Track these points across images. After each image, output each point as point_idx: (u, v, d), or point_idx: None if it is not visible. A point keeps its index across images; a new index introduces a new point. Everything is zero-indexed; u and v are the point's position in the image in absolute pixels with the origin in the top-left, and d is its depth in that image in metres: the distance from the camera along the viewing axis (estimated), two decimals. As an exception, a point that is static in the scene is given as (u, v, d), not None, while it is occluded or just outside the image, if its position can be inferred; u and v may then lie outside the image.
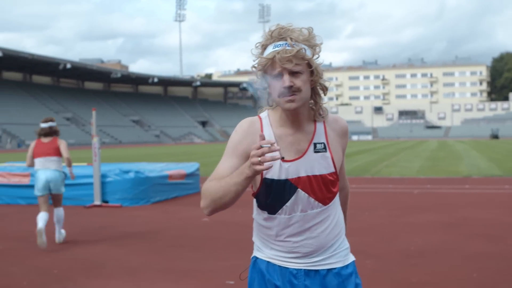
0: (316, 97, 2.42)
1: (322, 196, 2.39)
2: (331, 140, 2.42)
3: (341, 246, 2.50)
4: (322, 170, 2.37)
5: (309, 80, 2.34)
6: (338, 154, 2.44)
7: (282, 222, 2.41)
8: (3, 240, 8.98)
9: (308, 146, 2.38)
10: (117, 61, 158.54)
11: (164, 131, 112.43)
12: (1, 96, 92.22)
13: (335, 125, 2.46)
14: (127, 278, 6.48)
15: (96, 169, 12.93)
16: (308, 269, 2.44)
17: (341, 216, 2.53)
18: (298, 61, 2.28)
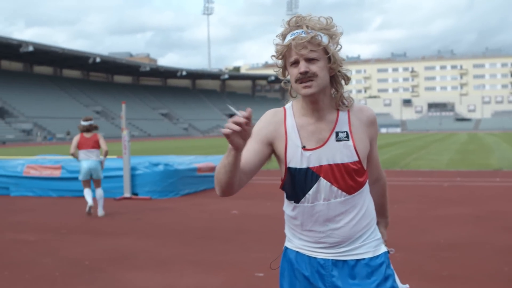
0: (337, 86, 2.43)
1: (346, 185, 2.39)
2: (355, 129, 2.41)
3: (371, 236, 2.48)
4: (344, 158, 2.37)
5: (327, 67, 2.36)
6: (363, 143, 2.42)
7: (306, 211, 2.44)
8: (35, 232, 9.11)
9: (330, 134, 2.40)
10: (145, 55, 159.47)
11: (192, 124, 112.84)
12: (32, 90, 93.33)
13: (360, 114, 2.45)
14: (157, 270, 6.54)
15: (126, 162, 13.04)
16: (336, 259, 2.45)
17: (370, 207, 2.51)
18: (314, 48, 2.31)
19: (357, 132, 2.42)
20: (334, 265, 2.45)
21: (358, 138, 2.41)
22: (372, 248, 2.47)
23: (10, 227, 9.70)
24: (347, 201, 2.41)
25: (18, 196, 14.14)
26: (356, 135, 2.41)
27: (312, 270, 2.48)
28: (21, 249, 7.80)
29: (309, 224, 2.45)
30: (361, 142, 2.42)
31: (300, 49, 2.30)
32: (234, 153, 2.18)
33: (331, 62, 2.35)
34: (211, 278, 6.14)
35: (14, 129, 79.14)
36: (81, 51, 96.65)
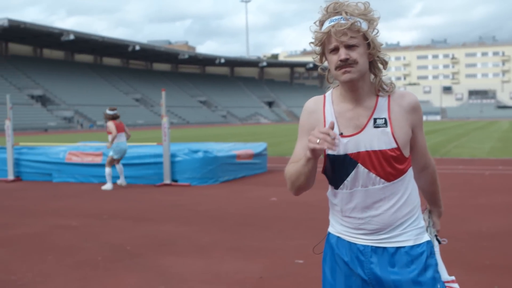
0: (376, 71, 2.41)
1: (384, 172, 2.36)
2: (394, 115, 2.38)
3: (413, 224, 2.45)
4: (382, 145, 2.35)
5: (366, 53, 2.34)
6: (403, 130, 2.38)
7: (344, 197, 2.44)
8: (78, 218, 9.26)
9: (368, 121, 2.37)
10: (184, 43, 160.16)
11: (230, 111, 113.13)
12: (73, 78, 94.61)
13: (401, 100, 2.41)
14: (197, 256, 6.59)
15: (166, 149, 13.15)
16: (375, 246, 2.43)
17: (413, 194, 2.47)
18: (353, 34, 2.29)
19: (397, 118, 2.38)
20: (373, 252, 2.43)
21: (397, 125, 2.37)
22: (413, 237, 2.44)
23: (53, 212, 9.88)
24: (386, 188, 2.38)
25: (60, 182, 14.38)
26: (395, 121, 2.37)
27: (351, 256, 2.47)
28: (64, 234, 7.93)
29: (348, 210, 2.45)
30: (401, 129, 2.38)
31: (340, 36, 2.28)
32: (313, 161, 2.30)
33: (370, 48, 2.33)
34: (250, 265, 6.16)
35: (55, 116, 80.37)
36: (120, 39, 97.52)
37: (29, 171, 15.02)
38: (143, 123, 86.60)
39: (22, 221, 9.07)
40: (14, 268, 6.16)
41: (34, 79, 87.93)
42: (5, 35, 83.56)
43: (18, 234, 7.99)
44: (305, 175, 2.34)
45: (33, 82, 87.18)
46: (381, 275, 2.41)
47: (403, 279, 2.39)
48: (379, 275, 2.41)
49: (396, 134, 2.36)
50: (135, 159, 13.92)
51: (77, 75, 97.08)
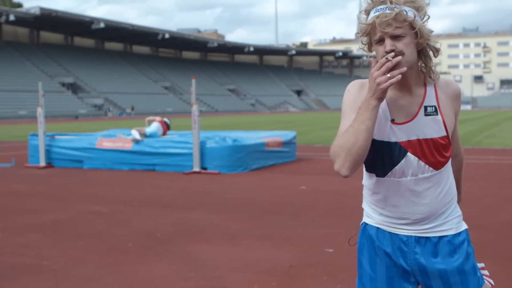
0: (426, 60, 2.35)
1: (433, 160, 2.33)
2: (442, 103, 2.35)
3: (453, 213, 2.43)
4: (433, 133, 2.31)
5: (414, 42, 2.26)
6: (450, 118, 2.37)
7: (391, 186, 2.37)
8: (108, 204, 9.33)
9: (419, 109, 2.33)
10: (213, 31, 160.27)
11: (259, 100, 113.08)
12: (103, 66, 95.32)
13: (447, 88, 2.39)
14: (226, 244, 6.60)
15: (195, 137, 13.18)
16: (418, 236, 2.39)
17: (453, 183, 2.46)
18: (399, 24, 2.21)
19: (444, 106, 2.36)
20: (416, 242, 2.40)
21: (445, 113, 2.35)
22: (455, 225, 2.42)
23: (84, 199, 9.97)
24: (433, 176, 2.35)
25: (91, 169, 14.51)
26: (443, 109, 2.35)
27: (393, 247, 2.43)
28: (95, 220, 8.00)
29: (394, 199, 2.38)
30: (448, 116, 2.36)
31: (385, 27, 2.21)
32: (376, 110, 2.21)
33: (418, 37, 2.26)
34: (280, 253, 6.15)
35: (86, 104, 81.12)
36: (150, 27, 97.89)
37: (60, 158, 15.18)
38: (172, 111, 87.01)
39: (54, 207, 9.17)
40: (46, 253, 6.23)
41: (65, 67, 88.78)
42: (37, 23, 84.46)
43: (50, 219, 8.08)
44: (365, 132, 2.18)
45: (64, 70, 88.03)
46: (426, 265, 2.38)
47: (448, 268, 2.36)
48: (424, 265, 2.38)
49: (446, 121, 2.34)
50: (165, 147, 13.98)
51: (107, 63, 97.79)
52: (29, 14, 77.22)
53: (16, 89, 74.97)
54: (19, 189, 11.22)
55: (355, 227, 2.65)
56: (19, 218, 8.23)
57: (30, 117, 64.43)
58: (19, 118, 66.87)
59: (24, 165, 15.35)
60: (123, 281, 5.22)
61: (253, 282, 5.16)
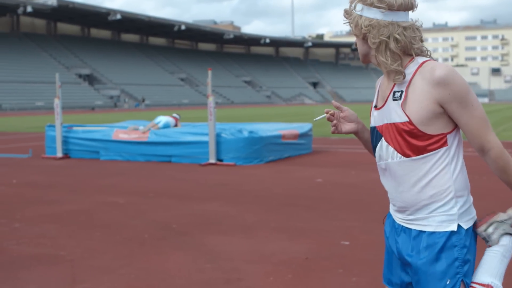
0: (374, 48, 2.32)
1: (399, 146, 2.29)
2: (413, 88, 2.25)
3: (440, 210, 2.29)
4: (396, 118, 2.27)
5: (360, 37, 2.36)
6: (421, 105, 2.23)
7: (379, 171, 2.46)
8: (124, 195, 9.37)
9: (389, 94, 2.34)
10: (229, 22, 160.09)
11: (275, 92, 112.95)
12: (119, 58, 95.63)
13: (428, 73, 2.23)
14: (242, 235, 6.60)
15: (211, 128, 13.18)
16: (404, 226, 2.38)
17: (444, 177, 2.29)
18: (350, 22, 2.37)
19: (415, 91, 2.25)
20: (403, 231, 2.39)
21: (413, 98, 2.25)
22: (436, 223, 2.29)
23: (101, 190, 10.02)
24: (404, 163, 2.30)
25: (107, 160, 14.58)
26: (412, 94, 2.25)
27: (391, 230, 2.47)
28: (111, 211, 8.04)
29: (384, 183, 2.44)
30: (417, 103, 2.24)
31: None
32: (357, 136, 2.61)
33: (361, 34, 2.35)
34: (296, 245, 6.14)
35: (102, 95, 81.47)
36: (166, 19, 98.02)
37: (77, 149, 15.26)
38: (188, 102, 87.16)
39: (71, 197, 9.22)
40: (63, 244, 6.26)
41: (82, 58, 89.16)
42: (54, 15, 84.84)
43: (67, 210, 8.13)
44: (365, 147, 2.67)
45: (81, 61, 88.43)
46: (404, 255, 2.36)
47: (413, 265, 2.32)
48: (403, 256, 2.36)
49: (408, 107, 2.25)
50: (181, 137, 14.01)
51: (124, 54, 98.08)
52: (46, 5, 77.57)
53: (33, 80, 75.45)
54: (36, 179, 11.30)
55: (371, 219, 2.65)
56: (36, 208, 8.28)
57: (47, 108, 64.90)
58: (37, 109, 67.35)
59: (42, 156, 15.45)
60: (138, 272, 5.24)
61: (268, 274, 5.16)
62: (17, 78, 74.39)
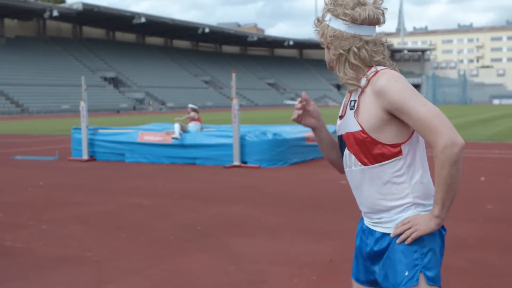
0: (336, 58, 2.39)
1: (357, 154, 2.35)
2: (363, 97, 2.31)
3: (399, 215, 2.31)
4: (352, 127, 2.33)
5: (327, 49, 2.44)
6: (370, 113, 2.26)
7: (346, 176, 2.50)
8: (150, 197, 9.44)
9: (347, 103, 2.41)
10: (253, 25, 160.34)
11: (299, 94, 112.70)
12: (144, 60, 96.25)
13: (374, 82, 2.27)
14: (266, 237, 6.62)
15: (235, 131, 13.22)
16: (370, 227, 2.44)
17: (403, 186, 2.29)
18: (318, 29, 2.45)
19: (364, 101, 2.30)
20: (370, 233, 2.43)
21: (363, 107, 2.30)
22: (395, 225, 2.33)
23: (126, 191, 10.10)
24: (364, 171, 2.34)
25: (132, 162, 14.68)
26: (362, 103, 2.30)
27: (360, 233, 2.52)
28: (136, 213, 8.10)
29: (352, 187, 2.49)
30: (366, 112, 2.28)
31: None
32: (314, 132, 2.59)
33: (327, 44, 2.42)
34: (320, 247, 6.14)
35: (127, 98, 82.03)
36: (190, 22, 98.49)
37: (102, 151, 15.39)
38: (212, 105, 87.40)
39: (97, 199, 9.31)
40: (90, 245, 6.33)
41: (107, 62, 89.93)
42: (79, 18, 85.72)
43: (93, 212, 8.21)
44: (320, 147, 2.64)
45: (106, 65, 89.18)
46: (370, 253, 2.40)
47: (378, 262, 2.38)
48: (369, 254, 2.41)
49: (360, 116, 2.30)
50: (205, 140, 14.07)
51: (148, 57, 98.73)
52: (72, 9, 78.44)
53: (59, 83, 76.27)
54: (63, 182, 11.42)
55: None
56: (63, 210, 8.38)
57: (73, 111, 65.52)
58: (62, 112, 68.02)
59: (68, 158, 15.61)
60: (164, 274, 5.28)
61: (293, 276, 5.17)
62: (44, 82, 75.26)
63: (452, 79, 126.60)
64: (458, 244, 5.97)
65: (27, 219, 7.74)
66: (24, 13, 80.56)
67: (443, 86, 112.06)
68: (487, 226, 6.91)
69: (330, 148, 2.61)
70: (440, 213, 2.20)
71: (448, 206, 2.20)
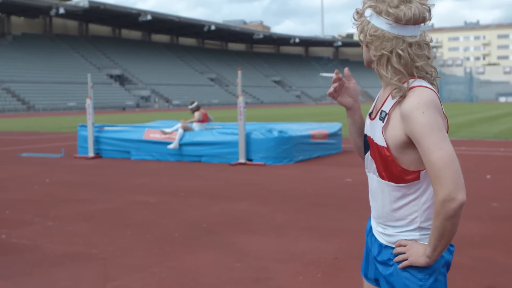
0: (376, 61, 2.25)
1: (378, 166, 2.27)
2: (394, 114, 2.19)
3: (404, 233, 2.28)
4: (378, 139, 2.23)
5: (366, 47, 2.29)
6: (394, 132, 2.17)
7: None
8: (155, 194, 9.45)
9: (378, 110, 2.28)
10: (259, 22, 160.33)
11: (305, 91, 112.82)
12: (150, 58, 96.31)
13: (403, 102, 2.15)
14: (272, 235, 6.63)
15: (241, 128, 13.23)
16: (375, 234, 2.41)
17: (413, 209, 2.25)
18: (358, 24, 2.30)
19: (394, 118, 2.18)
20: (374, 238, 2.41)
21: (392, 124, 2.19)
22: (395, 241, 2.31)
23: (132, 189, 10.12)
24: (380, 183, 2.28)
25: (138, 159, 14.71)
26: (392, 120, 2.19)
27: (369, 232, 2.49)
28: (142, 210, 8.12)
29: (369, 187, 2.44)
30: (392, 129, 2.18)
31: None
32: (347, 112, 2.48)
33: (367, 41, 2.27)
34: (325, 245, 6.15)
35: (133, 95, 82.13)
36: (196, 19, 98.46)
37: (108, 149, 15.43)
38: (217, 102, 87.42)
39: (102, 196, 9.34)
40: (96, 242, 6.35)
41: (113, 59, 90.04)
42: (85, 16, 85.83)
43: (99, 209, 8.24)
44: (349, 130, 2.54)
45: (112, 62, 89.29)
46: (375, 256, 2.38)
47: (384, 273, 2.32)
48: (375, 256, 2.39)
49: (387, 132, 2.20)
50: (210, 137, 14.09)
51: (154, 55, 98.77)
52: (78, 7, 78.52)
53: (65, 80, 76.40)
54: (69, 179, 11.45)
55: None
56: (69, 207, 8.41)
57: (79, 108, 65.68)
58: (69, 109, 68.20)
59: (74, 156, 15.65)
60: (169, 271, 5.29)
61: (298, 273, 5.18)
62: (50, 79, 75.42)
63: (458, 77, 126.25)
64: (463, 242, 5.97)
65: (33, 216, 7.77)
66: (31, 11, 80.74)
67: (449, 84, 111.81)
68: (492, 224, 6.91)
69: (359, 133, 2.49)
70: (431, 255, 2.17)
71: (439, 252, 2.16)
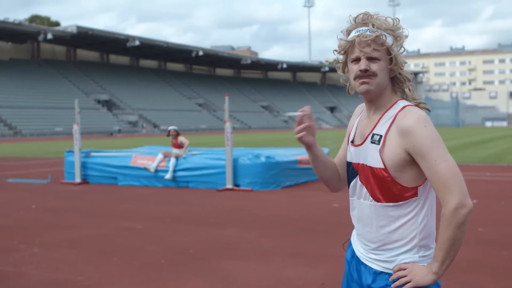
0: (397, 87, 2.38)
1: (372, 190, 2.31)
2: (390, 135, 2.27)
3: (401, 256, 2.31)
4: (373, 162, 2.29)
5: (387, 68, 2.31)
6: (394, 152, 2.24)
7: (350, 203, 2.47)
8: (142, 220, 9.42)
9: (368, 134, 2.35)
10: (247, 48, 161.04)
11: (293, 116, 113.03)
12: (138, 83, 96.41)
13: (400, 119, 2.25)
14: (258, 261, 6.61)
15: (228, 154, 13.24)
16: (363, 262, 2.42)
17: (412, 228, 2.29)
18: (377, 47, 2.27)
19: (391, 138, 2.27)
20: (363, 265, 2.42)
21: (389, 145, 2.27)
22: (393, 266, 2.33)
23: (118, 215, 10.08)
24: (374, 207, 2.32)
25: (125, 185, 14.66)
26: (388, 141, 2.27)
27: (352, 259, 2.50)
28: (128, 236, 8.09)
29: (352, 216, 2.47)
30: (390, 149, 2.26)
31: (364, 47, 2.27)
32: (308, 151, 2.49)
33: (392, 64, 2.31)
34: (312, 271, 6.14)
35: (120, 120, 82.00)
36: (184, 44, 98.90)
37: (95, 175, 15.37)
38: (205, 127, 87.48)
39: (89, 223, 9.29)
40: (81, 269, 6.31)
41: (100, 84, 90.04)
42: (73, 41, 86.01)
43: (85, 235, 8.19)
44: (312, 166, 2.56)
45: (100, 87, 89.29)
46: (365, 285, 2.39)
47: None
48: (364, 285, 2.40)
49: (385, 154, 2.27)
50: (198, 163, 14.08)
51: (142, 80, 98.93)
52: (66, 32, 78.70)
53: (52, 106, 76.25)
54: (55, 205, 11.39)
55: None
56: (55, 233, 8.35)
57: (66, 134, 65.42)
58: (56, 135, 67.93)
59: (60, 181, 15.58)
60: (156, 297, 5.26)
61: (285, 299, 5.16)
62: (37, 104, 75.25)
63: (444, 102, 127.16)
64: (450, 267, 5.94)
65: (18, 242, 7.71)
66: (19, 36, 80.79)
67: (436, 109, 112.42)
68: (479, 249, 6.93)
69: (324, 167, 2.57)
70: (438, 270, 2.22)
71: (447, 265, 2.22)
